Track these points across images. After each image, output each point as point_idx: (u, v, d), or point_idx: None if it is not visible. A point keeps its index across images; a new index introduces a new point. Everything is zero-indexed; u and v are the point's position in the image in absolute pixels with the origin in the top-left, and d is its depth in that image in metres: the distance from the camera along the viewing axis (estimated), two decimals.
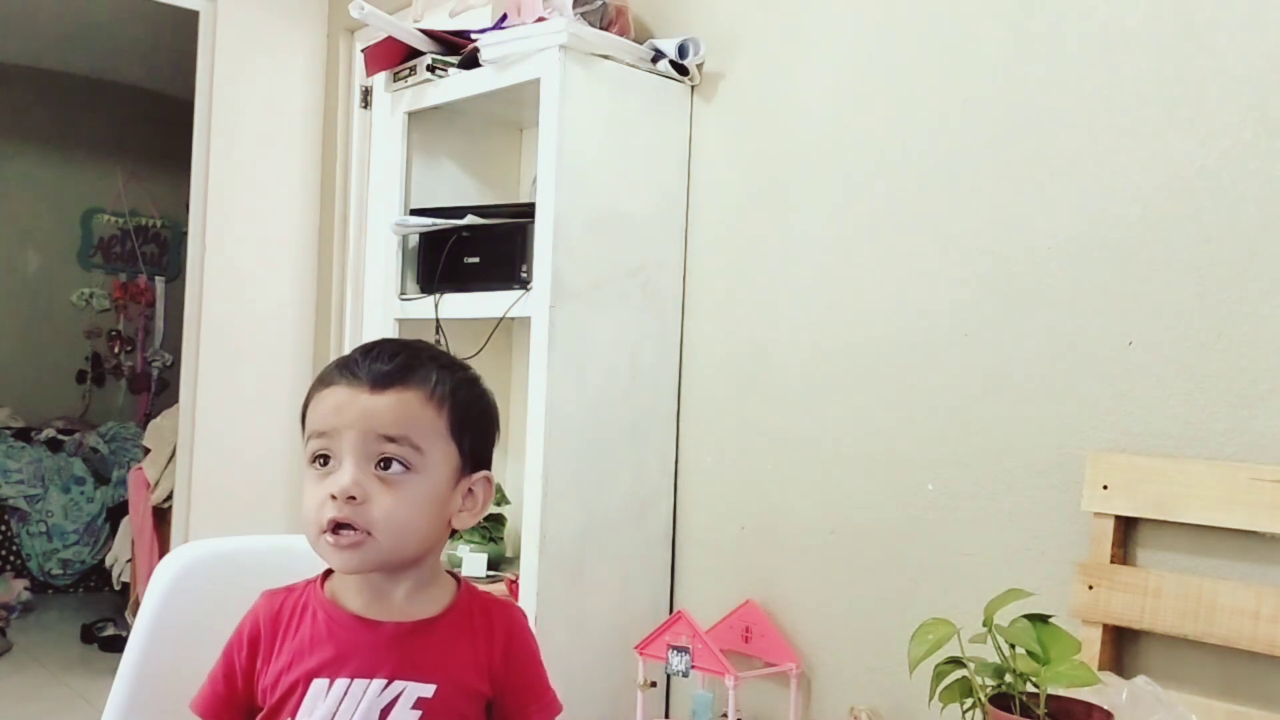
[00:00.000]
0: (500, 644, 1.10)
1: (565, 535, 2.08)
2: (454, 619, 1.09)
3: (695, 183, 2.27)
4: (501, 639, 1.10)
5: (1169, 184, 1.58)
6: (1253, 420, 1.48)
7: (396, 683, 1.04)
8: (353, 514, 1.01)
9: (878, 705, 1.86)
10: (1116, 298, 1.63)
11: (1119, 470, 1.57)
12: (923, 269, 1.87)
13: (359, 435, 1.02)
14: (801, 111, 2.08)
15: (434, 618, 1.08)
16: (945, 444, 1.82)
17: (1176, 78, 1.58)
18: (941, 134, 1.85)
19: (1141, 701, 1.27)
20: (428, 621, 1.08)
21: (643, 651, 2.02)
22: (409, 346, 1.09)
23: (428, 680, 1.04)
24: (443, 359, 1.10)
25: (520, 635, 1.13)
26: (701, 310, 2.25)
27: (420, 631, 1.07)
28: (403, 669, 1.04)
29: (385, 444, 1.02)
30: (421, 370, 1.06)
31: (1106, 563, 1.56)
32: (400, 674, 1.04)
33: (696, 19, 2.27)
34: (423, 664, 1.05)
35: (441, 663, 1.06)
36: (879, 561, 1.91)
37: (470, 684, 1.07)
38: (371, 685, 1.03)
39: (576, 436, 2.10)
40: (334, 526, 1.01)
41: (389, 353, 1.06)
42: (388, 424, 1.02)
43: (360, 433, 1.02)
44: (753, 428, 2.13)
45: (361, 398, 1.03)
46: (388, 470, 1.02)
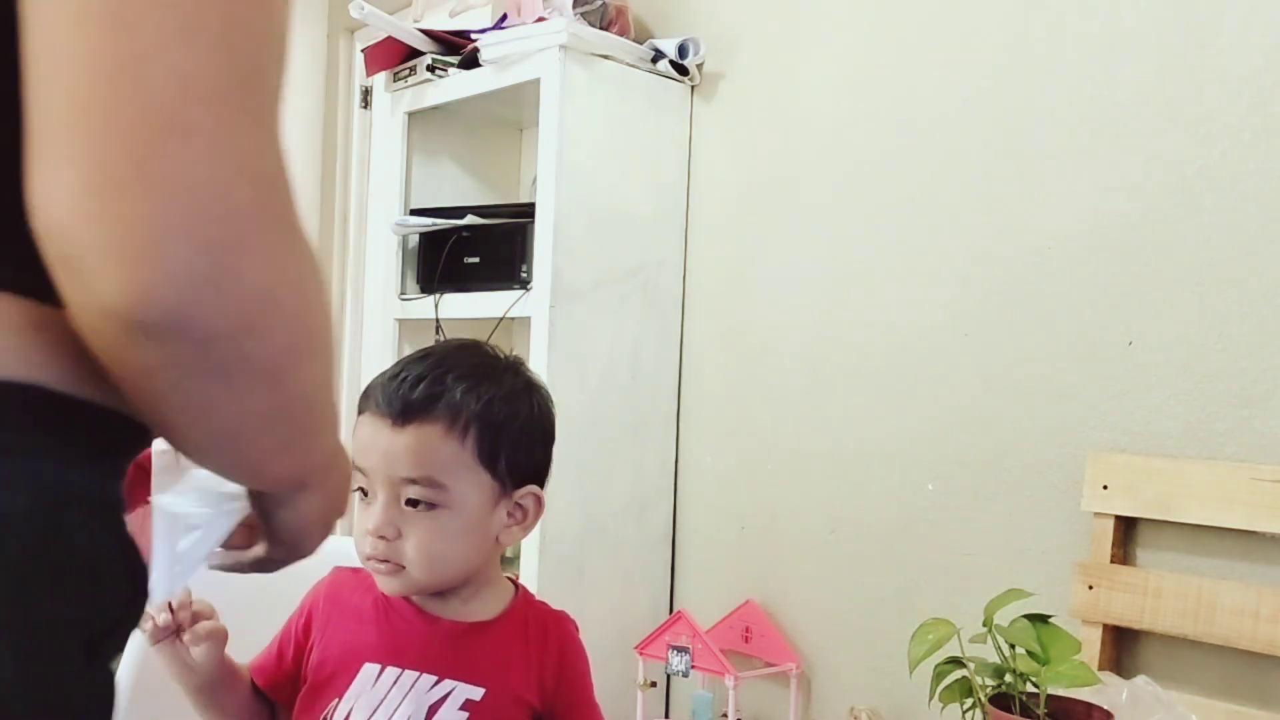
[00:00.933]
0: (554, 658, 1.10)
1: (565, 535, 2.08)
2: (509, 625, 1.09)
3: (695, 183, 2.27)
4: (555, 653, 1.10)
5: (1169, 184, 1.58)
6: (1253, 420, 1.48)
7: (446, 681, 1.04)
8: (386, 550, 1.03)
9: (878, 705, 1.86)
10: (1116, 298, 1.62)
11: (1119, 470, 1.57)
12: (923, 269, 1.87)
13: (384, 477, 1.03)
14: (802, 111, 2.08)
15: (490, 621, 1.09)
16: (945, 444, 1.82)
17: (1176, 78, 1.58)
18: (941, 134, 1.85)
19: (1141, 701, 1.27)
20: (483, 624, 1.08)
21: (643, 651, 2.02)
22: (439, 365, 1.05)
23: (478, 683, 1.04)
24: (475, 375, 1.06)
25: (573, 650, 1.13)
26: (701, 310, 2.25)
27: (475, 633, 1.07)
28: (454, 668, 1.04)
29: (408, 486, 1.02)
30: (446, 396, 1.03)
31: (1106, 563, 1.56)
32: (451, 673, 1.04)
33: (696, 19, 2.27)
34: (474, 666, 1.05)
35: (493, 667, 1.06)
36: (879, 561, 1.91)
37: (519, 692, 1.07)
38: (421, 680, 1.04)
39: (576, 437, 2.10)
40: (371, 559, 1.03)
41: (414, 378, 1.03)
42: (408, 466, 1.02)
43: (385, 475, 1.03)
44: (753, 427, 2.13)
45: (383, 436, 1.02)
46: (415, 508, 1.03)
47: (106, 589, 0.49)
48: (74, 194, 0.41)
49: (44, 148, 0.41)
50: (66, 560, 0.47)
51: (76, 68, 0.41)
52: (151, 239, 0.41)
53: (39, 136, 0.42)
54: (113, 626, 0.50)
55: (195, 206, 0.41)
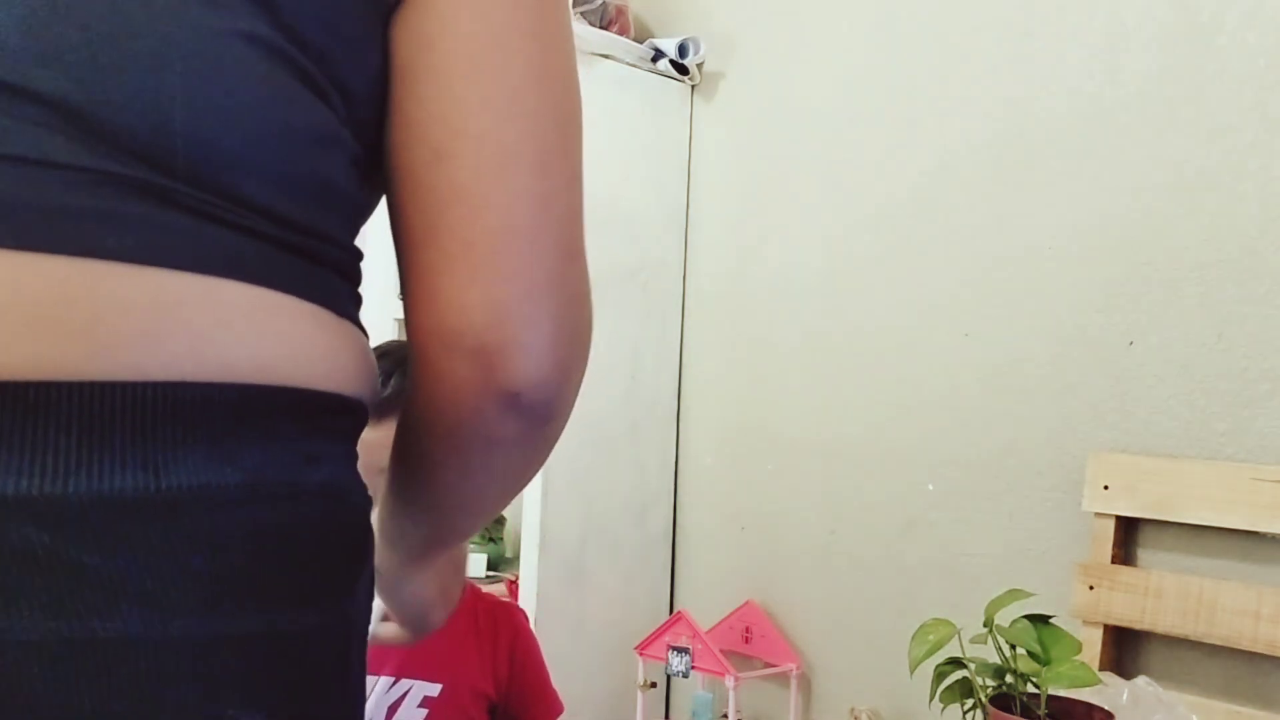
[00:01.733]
0: (505, 649, 1.11)
1: (565, 535, 2.08)
2: (460, 620, 1.10)
3: (695, 182, 2.27)
4: (506, 643, 1.11)
5: (1169, 184, 1.58)
6: (1254, 420, 1.48)
7: (404, 680, 1.04)
8: None
9: (878, 706, 1.86)
10: (1116, 298, 1.62)
11: (1120, 470, 1.57)
12: (923, 269, 1.86)
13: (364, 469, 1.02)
14: (802, 111, 2.08)
15: None
16: (945, 444, 1.82)
17: (1176, 78, 1.58)
18: (941, 134, 1.85)
19: (1142, 702, 1.27)
20: None
21: (643, 652, 2.02)
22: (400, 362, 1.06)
23: (434, 679, 1.05)
24: None
25: (524, 640, 1.14)
26: (701, 310, 2.25)
27: None
28: (410, 667, 1.05)
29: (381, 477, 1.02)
30: None
31: (1107, 563, 1.56)
32: (408, 672, 1.05)
33: (696, 19, 2.27)
34: (430, 663, 1.05)
35: (448, 663, 1.06)
36: (879, 562, 1.90)
37: (475, 685, 1.07)
38: (379, 682, 1.04)
39: (576, 437, 2.09)
40: None
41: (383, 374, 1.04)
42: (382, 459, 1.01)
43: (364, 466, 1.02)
44: (753, 428, 2.13)
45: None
46: None
47: (372, 580, 0.57)
48: (505, 303, 0.52)
49: (468, 263, 0.52)
50: (368, 557, 0.55)
51: (507, 202, 0.52)
52: (554, 338, 0.53)
53: (461, 255, 0.52)
54: (364, 622, 0.56)
55: (577, 314, 0.55)
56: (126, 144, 0.47)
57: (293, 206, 0.51)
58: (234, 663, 0.46)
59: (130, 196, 0.47)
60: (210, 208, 0.48)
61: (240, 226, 0.49)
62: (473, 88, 0.53)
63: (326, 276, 0.53)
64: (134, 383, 0.45)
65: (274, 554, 0.48)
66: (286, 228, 0.51)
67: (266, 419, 0.48)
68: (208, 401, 0.46)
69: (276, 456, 0.48)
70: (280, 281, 0.50)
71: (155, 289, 0.46)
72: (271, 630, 0.48)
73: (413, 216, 0.55)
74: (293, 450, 0.49)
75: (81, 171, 0.46)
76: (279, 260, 0.50)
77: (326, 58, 0.53)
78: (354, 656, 0.53)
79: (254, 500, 0.47)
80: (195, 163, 0.48)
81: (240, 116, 0.49)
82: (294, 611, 0.49)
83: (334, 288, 0.54)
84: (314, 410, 0.51)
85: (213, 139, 0.48)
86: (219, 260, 0.48)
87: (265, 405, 0.48)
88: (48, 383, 0.44)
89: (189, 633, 0.45)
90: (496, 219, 0.52)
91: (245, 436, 0.47)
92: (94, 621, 0.43)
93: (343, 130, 0.54)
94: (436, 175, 0.53)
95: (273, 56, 0.50)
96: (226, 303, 0.48)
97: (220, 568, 0.46)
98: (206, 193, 0.48)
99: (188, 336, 0.47)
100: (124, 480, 0.44)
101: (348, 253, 0.56)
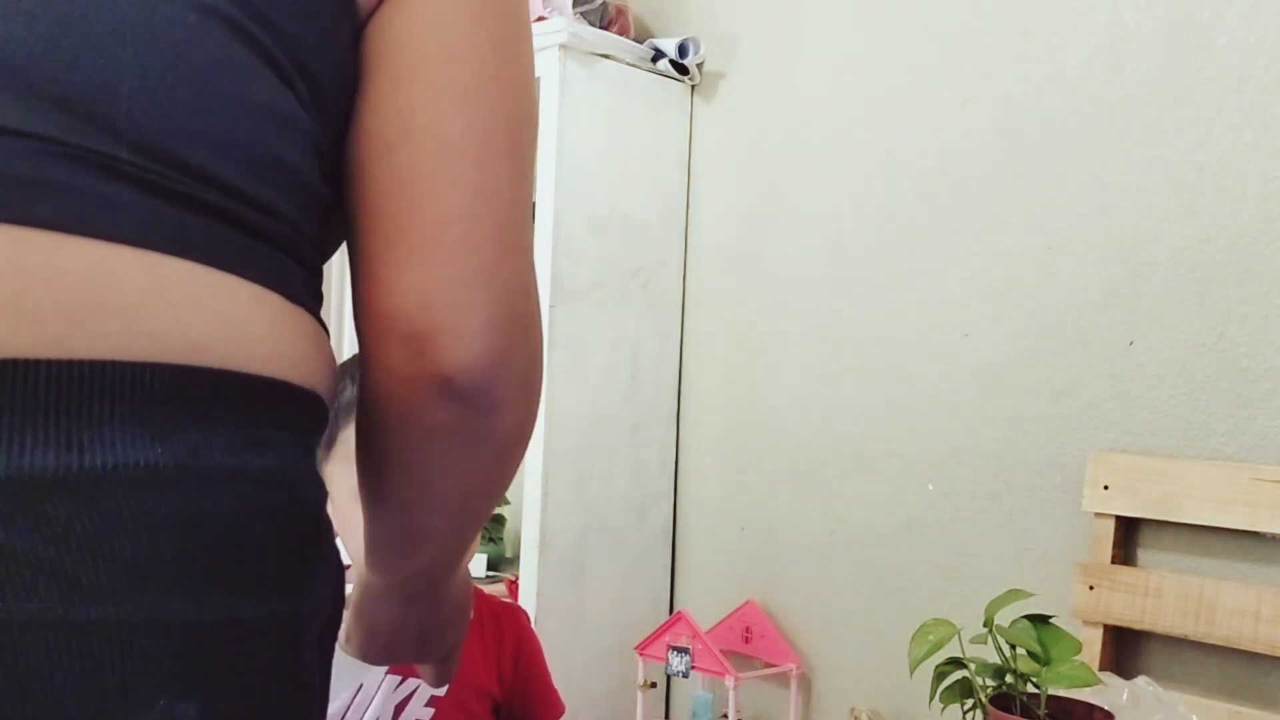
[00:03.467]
0: (510, 649, 1.11)
1: (565, 535, 2.08)
2: None
3: (695, 182, 2.27)
4: (511, 644, 1.11)
5: (1169, 184, 1.58)
6: (1254, 420, 1.48)
7: (411, 679, 1.04)
8: None
9: (878, 706, 1.86)
10: (1116, 298, 1.62)
11: (1120, 470, 1.57)
12: (923, 268, 1.87)
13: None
14: (802, 111, 2.08)
15: None
16: (945, 444, 1.82)
17: (1176, 78, 1.58)
18: (941, 134, 1.85)
19: (1142, 702, 1.27)
20: None
21: (643, 652, 2.02)
22: None
23: None
24: None
25: (528, 641, 1.14)
26: (701, 310, 2.25)
27: None
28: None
29: None
30: None
31: (1107, 563, 1.56)
32: (414, 671, 1.05)
33: (696, 19, 2.27)
34: None
35: None
36: (879, 561, 1.90)
37: (480, 684, 1.08)
38: (386, 680, 1.04)
39: (576, 436, 2.09)
40: None
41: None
42: None
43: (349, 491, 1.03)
44: (753, 428, 2.13)
45: None
46: None
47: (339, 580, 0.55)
48: (436, 288, 0.53)
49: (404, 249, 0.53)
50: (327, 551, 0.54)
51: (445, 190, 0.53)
52: (486, 326, 0.53)
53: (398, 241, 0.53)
54: (332, 618, 0.55)
55: (514, 304, 0.55)
56: (71, 109, 0.46)
57: (242, 178, 0.50)
58: (160, 651, 0.44)
59: (70, 164, 0.45)
60: (156, 177, 0.47)
61: (186, 198, 0.48)
62: (424, 86, 0.54)
63: (278, 258, 0.52)
64: (59, 360, 0.43)
65: (208, 540, 0.46)
66: (236, 199, 0.50)
67: (201, 401, 0.47)
68: (137, 381, 0.45)
69: (212, 440, 0.47)
70: (224, 259, 0.49)
71: (89, 261, 0.45)
72: (205, 619, 0.46)
73: (359, 207, 0.56)
74: (231, 435, 0.48)
75: (20, 136, 0.45)
76: (225, 237, 0.49)
77: (290, 39, 0.53)
78: (306, 654, 0.51)
79: (185, 483, 0.46)
80: (143, 130, 0.47)
81: (190, 84, 0.49)
82: (231, 602, 0.47)
83: (285, 270, 0.53)
84: (255, 395, 0.49)
85: (161, 106, 0.48)
86: (159, 234, 0.47)
87: (200, 387, 0.47)
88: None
89: (110, 617, 0.43)
90: (433, 207, 0.53)
91: (177, 418, 0.46)
92: (9, 602, 0.41)
93: (303, 113, 0.53)
94: (382, 166, 0.54)
95: (230, 30, 0.50)
96: (164, 279, 0.47)
97: (146, 551, 0.44)
98: (153, 161, 0.47)
99: (120, 312, 0.45)
100: (45, 458, 0.43)
101: (303, 236, 0.55)
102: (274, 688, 0.49)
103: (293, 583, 0.50)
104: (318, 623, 0.52)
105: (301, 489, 0.52)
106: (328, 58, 0.55)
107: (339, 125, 0.56)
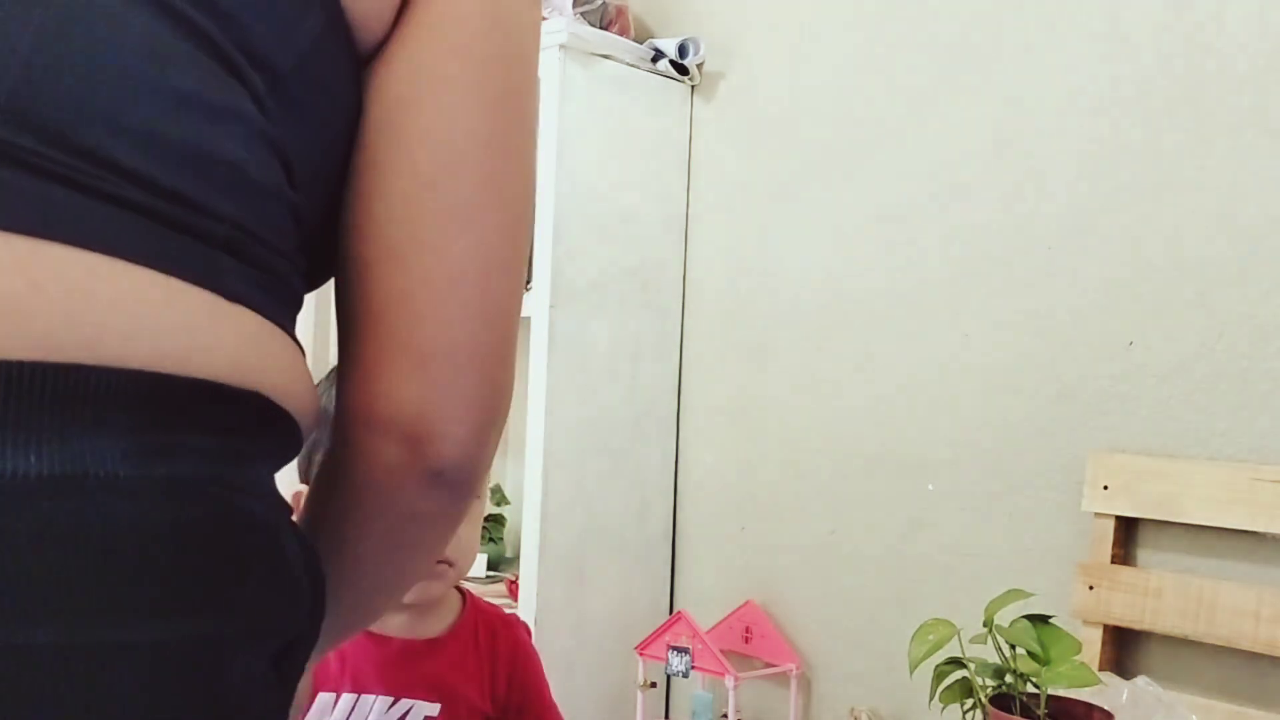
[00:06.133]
0: (504, 666, 1.10)
1: (565, 535, 2.08)
2: (460, 638, 1.10)
3: (695, 183, 2.26)
4: (505, 662, 1.10)
5: (1169, 184, 1.58)
6: (1254, 420, 1.48)
7: (403, 700, 1.04)
8: None
9: (878, 706, 1.86)
10: (1116, 298, 1.62)
11: (1119, 470, 1.56)
12: (922, 268, 1.87)
13: None
14: (802, 111, 2.08)
15: (441, 636, 1.09)
16: (945, 444, 1.82)
17: (1176, 78, 1.58)
18: (941, 134, 1.85)
19: (1142, 702, 1.27)
20: (434, 640, 1.08)
21: (643, 652, 2.02)
22: None
23: (433, 699, 1.04)
24: None
25: (524, 657, 1.13)
26: (701, 310, 2.25)
27: (428, 650, 1.07)
28: (409, 687, 1.04)
29: None
30: None
31: (1107, 563, 1.56)
32: (407, 692, 1.04)
33: (696, 19, 2.27)
34: (429, 683, 1.05)
35: (447, 682, 1.06)
36: (879, 562, 1.90)
37: (474, 704, 1.07)
38: (378, 702, 1.03)
39: (576, 437, 2.09)
40: None
41: None
42: None
43: None
44: (753, 428, 2.13)
45: None
46: None
47: (300, 599, 0.52)
48: (439, 402, 0.56)
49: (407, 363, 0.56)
50: (283, 568, 0.50)
51: (450, 315, 0.56)
52: (478, 429, 0.58)
53: (400, 354, 0.56)
54: (297, 639, 0.52)
55: (501, 407, 0.60)
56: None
57: (160, 170, 0.46)
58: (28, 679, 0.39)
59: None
60: (48, 163, 0.43)
61: (89, 188, 0.44)
62: (435, 195, 0.56)
63: (208, 253, 0.48)
64: None
65: (89, 558, 0.41)
66: (153, 193, 0.46)
67: (91, 404, 0.42)
68: (11, 382, 0.40)
69: (102, 446, 0.42)
70: (130, 250, 0.44)
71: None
72: (79, 644, 0.40)
73: (358, 308, 0.57)
74: (131, 441, 0.43)
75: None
76: (136, 228, 0.45)
77: (242, 29, 0.50)
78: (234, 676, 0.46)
79: (64, 495, 0.41)
80: (49, 117, 0.44)
81: (107, 72, 0.46)
82: (113, 623, 0.41)
83: (219, 266, 0.48)
84: (164, 396, 0.44)
85: (74, 94, 0.45)
86: (42, 220, 0.43)
87: (88, 388, 0.42)
88: None
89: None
90: (438, 329, 0.56)
91: (59, 424, 0.41)
92: None
93: (251, 105, 0.50)
94: (385, 275, 0.56)
95: (162, 17, 0.48)
96: (47, 268, 0.42)
97: (11, 571, 0.39)
98: (60, 151, 0.44)
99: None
100: None
101: (247, 233, 0.50)
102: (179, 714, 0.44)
103: (213, 600, 0.45)
104: (266, 641, 0.48)
105: (231, 499, 0.47)
106: (292, 52, 0.52)
107: (316, 126, 0.55)
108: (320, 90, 0.55)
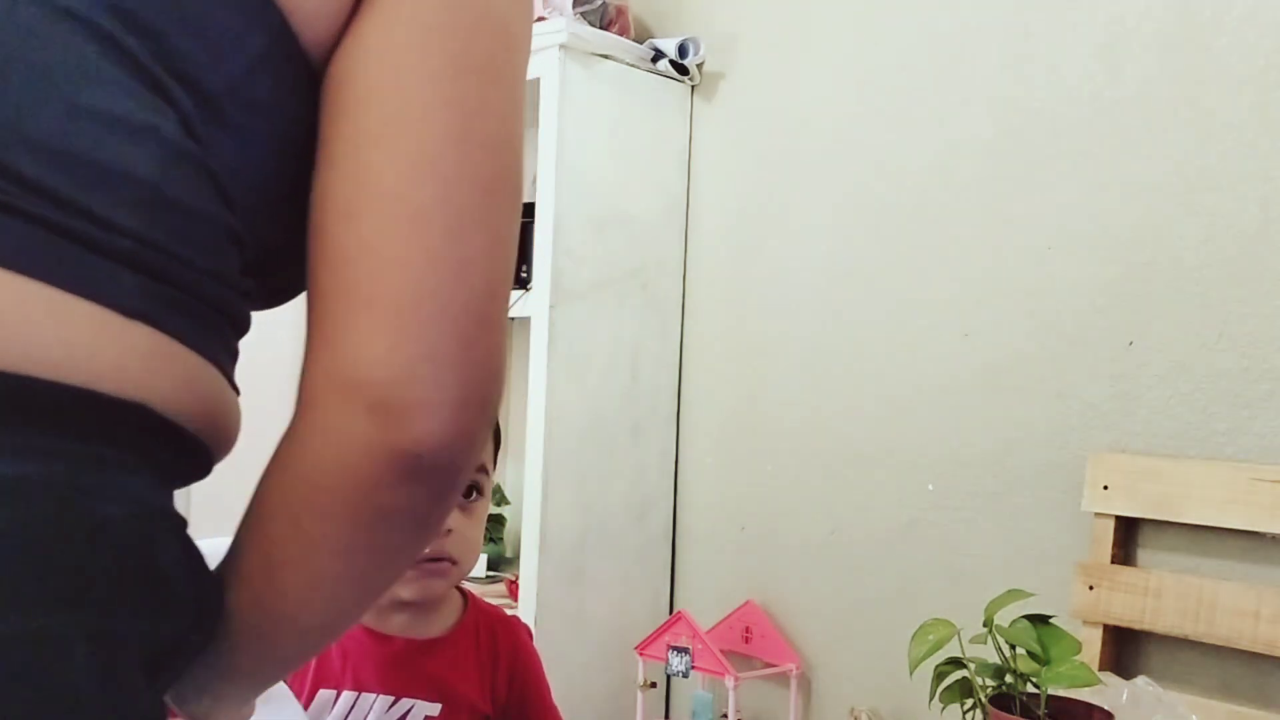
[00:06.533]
0: (505, 667, 1.10)
1: (565, 536, 2.08)
2: (461, 638, 1.09)
3: (695, 183, 2.27)
4: (506, 662, 1.10)
5: (1169, 184, 1.58)
6: (1254, 420, 1.48)
7: (404, 700, 1.04)
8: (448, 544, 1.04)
9: (878, 706, 1.86)
10: (1116, 298, 1.62)
11: (1119, 470, 1.57)
12: (923, 268, 1.87)
13: None
14: (802, 111, 2.08)
15: (442, 636, 1.09)
16: (945, 444, 1.82)
17: (1176, 78, 1.58)
18: (941, 134, 1.85)
19: (1142, 702, 1.27)
20: (435, 640, 1.08)
21: (643, 652, 2.02)
22: None
23: (434, 699, 1.04)
24: None
25: (524, 658, 1.13)
26: (701, 310, 2.25)
27: (428, 650, 1.07)
28: (410, 687, 1.04)
29: (478, 473, 1.04)
30: None
31: (1107, 563, 1.56)
32: (408, 692, 1.04)
33: (696, 19, 2.27)
34: (430, 683, 1.05)
35: (448, 682, 1.06)
36: (879, 561, 1.90)
37: (474, 704, 1.07)
38: (379, 701, 1.03)
39: (576, 437, 2.09)
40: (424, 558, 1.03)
41: None
42: None
43: None
44: (753, 428, 2.13)
45: None
46: (469, 499, 1.04)
47: (176, 608, 0.51)
48: (409, 361, 0.50)
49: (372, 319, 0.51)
50: (148, 574, 0.49)
51: (417, 262, 0.51)
52: (458, 405, 0.51)
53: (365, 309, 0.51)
54: (173, 648, 0.51)
55: (485, 388, 0.53)
56: None
57: (61, 183, 0.46)
58: None
59: None
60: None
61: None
62: (386, 151, 0.52)
63: (102, 265, 0.47)
64: None
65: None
66: (54, 206, 0.46)
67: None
68: None
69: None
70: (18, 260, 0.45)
71: None
72: None
73: (321, 271, 0.53)
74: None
75: None
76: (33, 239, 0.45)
77: (172, 50, 0.50)
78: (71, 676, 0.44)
79: None
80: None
81: (16, 86, 0.46)
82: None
83: (116, 280, 0.48)
84: (22, 398, 0.45)
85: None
86: None
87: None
88: None
89: None
90: (404, 277, 0.51)
91: None
92: None
93: (176, 126, 0.50)
94: (345, 231, 0.52)
95: (89, 35, 0.48)
96: None
97: None
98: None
99: None
100: None
101: (156, 250, 0.49)
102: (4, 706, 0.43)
103: (47, 598, 0.44)
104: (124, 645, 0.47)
105: (81, 501, 0.46)
106: (227, 73, 0.52)
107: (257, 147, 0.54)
108: (260, 111, 0.53)
